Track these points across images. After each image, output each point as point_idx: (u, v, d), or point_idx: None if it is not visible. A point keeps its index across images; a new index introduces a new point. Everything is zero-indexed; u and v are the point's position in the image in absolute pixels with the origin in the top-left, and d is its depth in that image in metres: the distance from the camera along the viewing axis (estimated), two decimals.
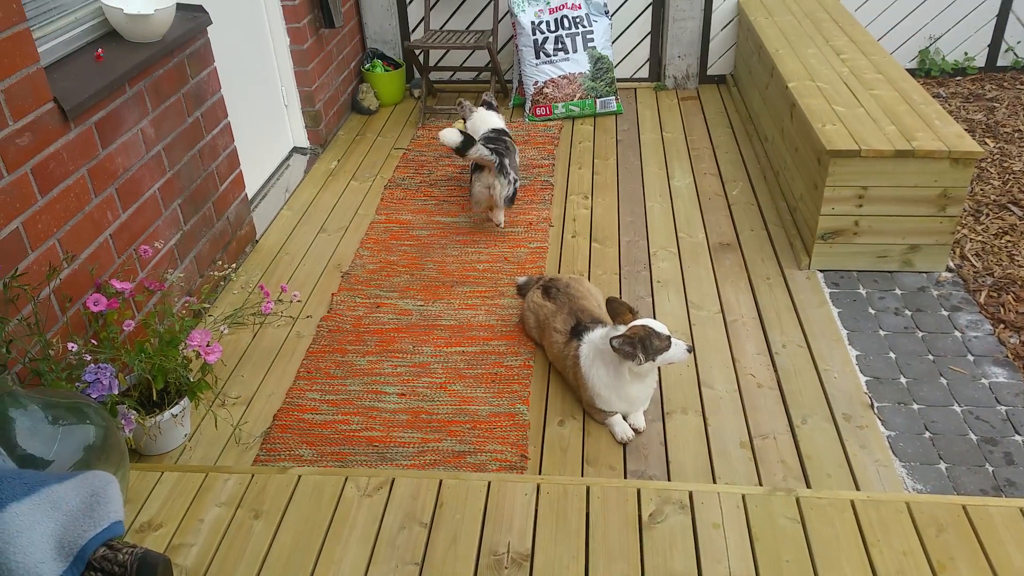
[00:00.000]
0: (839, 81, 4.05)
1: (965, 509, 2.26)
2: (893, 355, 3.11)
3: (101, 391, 2.39)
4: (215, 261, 3.61)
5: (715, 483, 2.59)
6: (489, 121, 4.31)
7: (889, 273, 3.57)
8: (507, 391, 3.00)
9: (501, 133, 4.17)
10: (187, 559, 2.24)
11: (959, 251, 3.73)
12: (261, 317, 3.41)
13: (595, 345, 2.80)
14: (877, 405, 2.88)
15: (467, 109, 4.44)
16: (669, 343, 2.64)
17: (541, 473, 2.67)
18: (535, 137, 5.03)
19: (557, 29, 5.24)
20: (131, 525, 2.34)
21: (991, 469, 2.62)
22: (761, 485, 2.57)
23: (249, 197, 4.08)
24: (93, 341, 2.67)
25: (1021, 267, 3.60)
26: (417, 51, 5.35)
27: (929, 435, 2.75)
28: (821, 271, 3.60)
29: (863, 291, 3.47)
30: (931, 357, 3.10)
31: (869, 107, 3.72)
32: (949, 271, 3.57)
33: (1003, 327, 3.24)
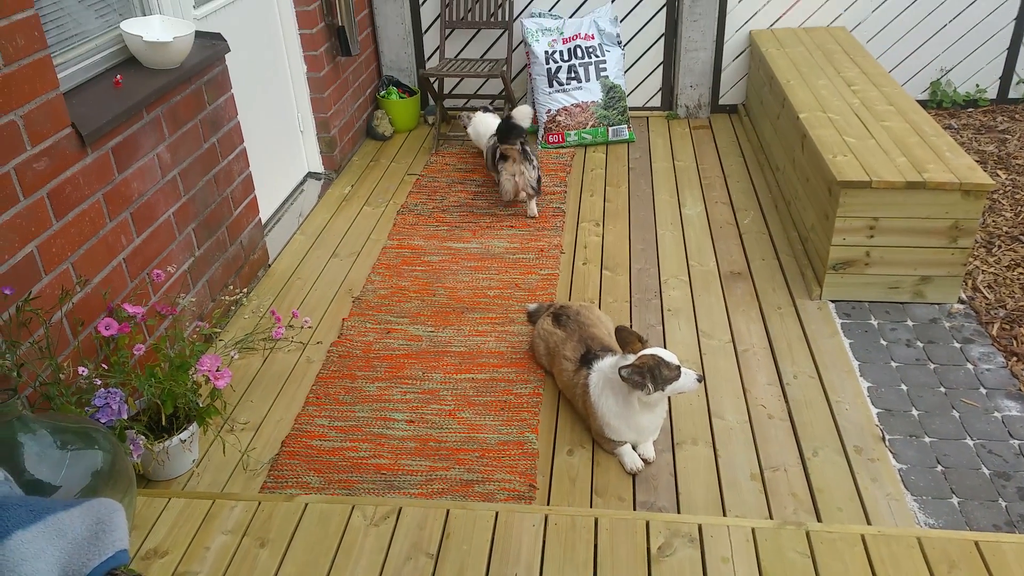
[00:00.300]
0: (850, 112, 4.05)
1: (977, 545, 2.24)
2: (905, 387, 3.09)
3: (110, 416, 2.39)
4: (227, 285, 3.63)
5: (725, 515, 2.57)
6: (490, 124, 4.76)
7: (901, 304, 3.56)
8: (516, 419, 2.99)
9: None
10: None
11: (971, 283, 3.71)
12: (271, 342, 3.42)
13: (605, 374, 2.79)
14: (889, 438, 2.85)
15: (466, 117, 4.88)
16: (679, 373, 2.63)
17: (549, 503, 2.65)
18: (547, 164, 5.05)
19: (570, 58, 5.28)
20: (137, 551, 2.34)
21: (1004, 504, 2.59)
22: (771, 518, 2.55)
23: (263, 221, 4.11)
24: (104, 365, 2.68)
25: None
26: (432, 79, 5.40)
27: (941, 469, 2.72)
28: (832, 301, 3.59)
29: (875, 322, 3.45)
30: (943, 389, 3.07)
31: (880, 138, 3.73)
32: (961, 303, 3.55)
33: (1016, 360, 3.21)
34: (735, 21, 5.48)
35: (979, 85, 5.59)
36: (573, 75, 5.29)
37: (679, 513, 2.59)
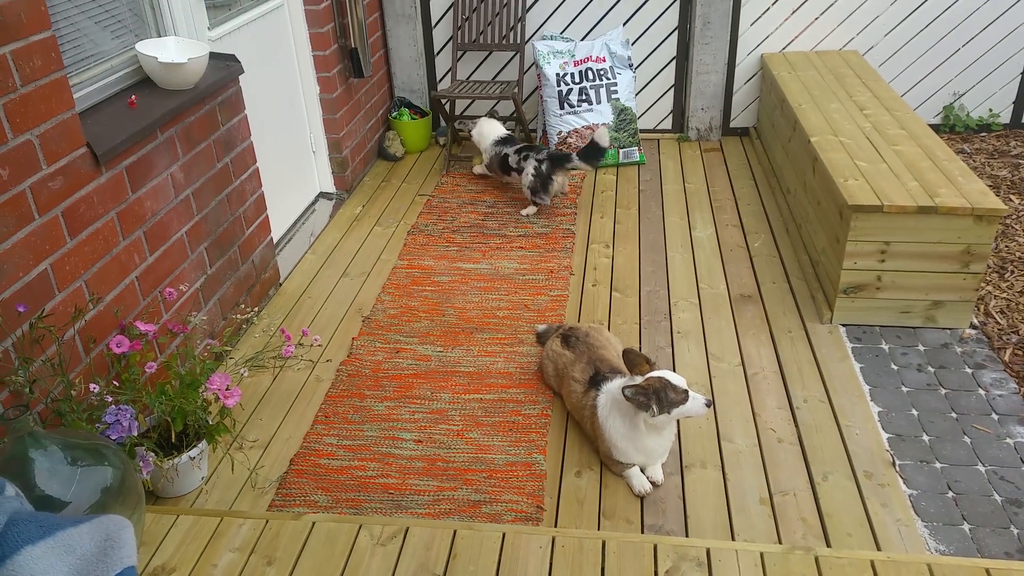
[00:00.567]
0: (862, 136, 4.06)
1: (989, 573, 2.21)
2: (916, 412, 3.07)
3: (121, 432, 2.40)
4: (238, 304, 3.65)
5: (733, 540, 2.55)
6: (496, 128, 5.00)
7: (912, 329, 3.54)
8: (524, 440, 2.99)
9: (510, 138, 4.95)
10: None
11: (983, 308, 3.70)
12: (281, 360, 3.43)
13: (613, 395, 2.79)
14: (899, 463, 2.83)
15: (470, 124, 5.09)
16: (686, 396, 2.62)
17: (557, 525, 2.64)
18: None
19: (581, 81, 5.32)
20: (145, 568, 2.34)
21: (1016, 531, 2.56)
22: (780, 543, 2.53)
23: (274, 241, 4.14)
24: (115, 382, 2.70)
25: None
26: (444, 100, 5.44)
27: (952, 495, 2.70)
28: (843, 325, 3.58)
29: (886, 346, 3.44)
30: (954, 415, 3.05)
31: (892, 163, 3.73)
32: (973, 328, 3.53)
33: None
34: (747, 44, 5.51)
35: (992, 110, 5.59)
36: (584, 97, 5.32)
37: (687, 537, 2.58)
